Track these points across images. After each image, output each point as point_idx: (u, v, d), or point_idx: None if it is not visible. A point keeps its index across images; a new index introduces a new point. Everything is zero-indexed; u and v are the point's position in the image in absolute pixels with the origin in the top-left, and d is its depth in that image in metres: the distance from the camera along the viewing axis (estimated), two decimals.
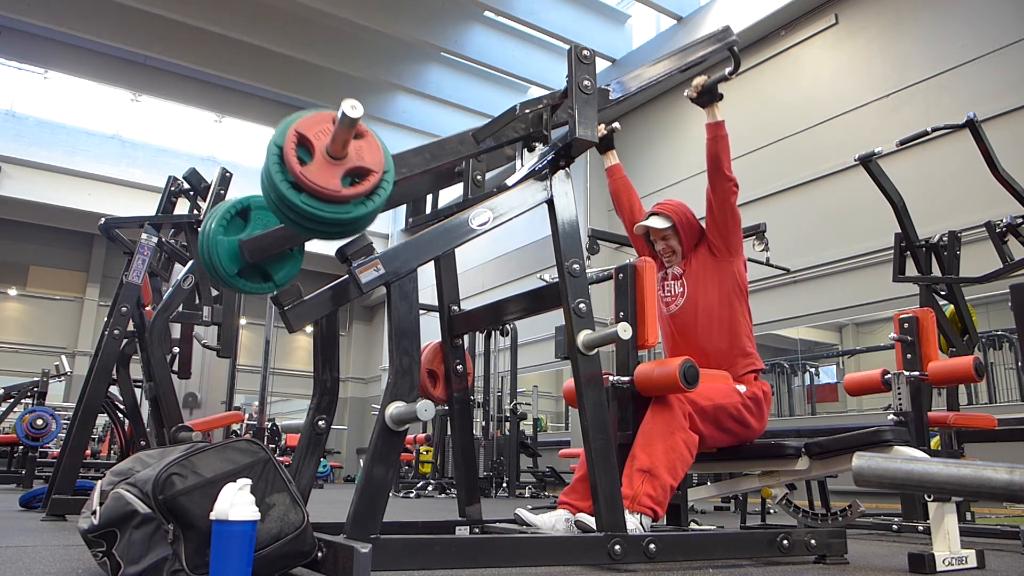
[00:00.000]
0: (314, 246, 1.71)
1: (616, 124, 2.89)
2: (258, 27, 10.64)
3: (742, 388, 2.44)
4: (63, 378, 8.78)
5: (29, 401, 7.43)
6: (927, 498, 2.13)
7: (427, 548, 1.56)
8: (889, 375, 3.29)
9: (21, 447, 6.79)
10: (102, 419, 6.82)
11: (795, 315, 8.26)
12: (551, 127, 2.14)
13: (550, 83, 10.85)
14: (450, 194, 2.37)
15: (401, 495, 7.72)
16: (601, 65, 10.61)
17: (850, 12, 8.29)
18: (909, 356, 3.24)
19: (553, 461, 9.12)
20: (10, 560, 1.82)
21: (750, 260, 2.85)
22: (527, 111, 2.06)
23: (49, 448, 7.96)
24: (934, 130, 3.88)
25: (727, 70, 2.46)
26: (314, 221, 1.48)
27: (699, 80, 2.53)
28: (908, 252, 4.13)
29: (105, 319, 3.91)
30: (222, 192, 3.98)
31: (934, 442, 3.80)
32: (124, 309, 3.62)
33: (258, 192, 1.65)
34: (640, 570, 1.90)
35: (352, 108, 1.41)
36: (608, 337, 1.88)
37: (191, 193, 4.24)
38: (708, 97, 2.52)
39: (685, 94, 2.59)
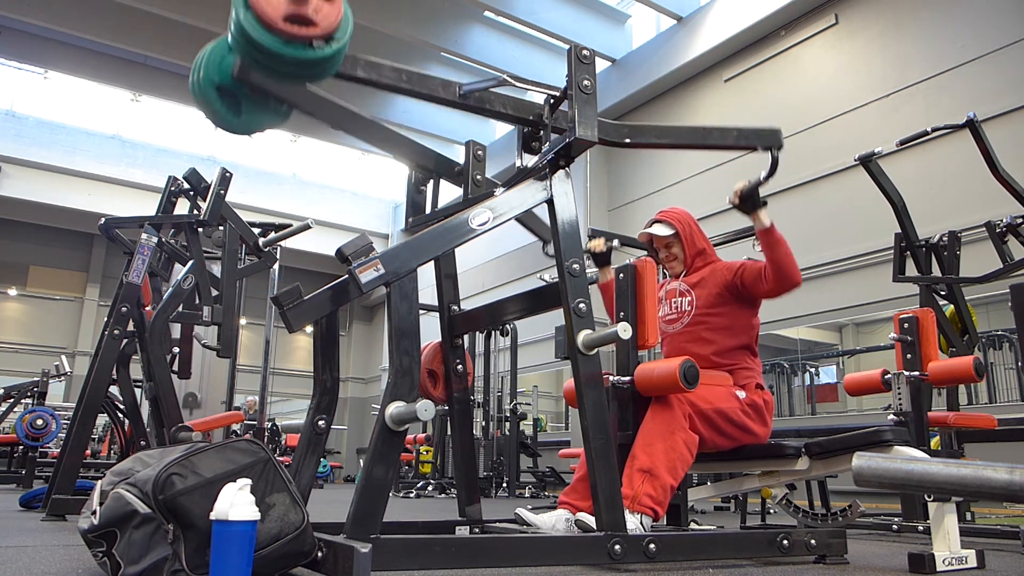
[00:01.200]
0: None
1: (615, 241, 2.85)
2: None
3: (741, 394, 2.43)
4: (63, 378, 8.77)
5: (29, 401, 7.42)
6: (927, 498, 2.13)
7: (427, 548, 1.56)
8: (889, 375, 3.29)
9: (21, 447, 6.78)
10: (102, 419, 6.82)
11: (795, 315, 8.26)
12: (551, 127, 2.15)
13: (550, 83, 10.83)
14: (450, 194, 2.37)
15: (401, 495, 7.72)
16: (601, 65, 10.63)
17: (850, 12, 8.29)
18: (909, 356, 3.24)
19: (553, 461, 9.12)
20: (10, 560, 1.83)
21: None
22: (517, 83, 2.08)
23: (49, 448, 7.96)
24: (934, 130, 3.88)
25: (763, 174, 2.35)
26: (246, 38, 1.56)
27: (739, 186, 2.41)
28: (908, 252, 4.13)
29: (105, 319, 3.91)
30: (222, 192, 3.99)
31: (934, 442, 3.80)
32: (124, 309, 3.62)
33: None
34: (640, 570, 1.90)
35: None
36: (608, 337, 1.88)
37: (191, 193, 4.25)
38: (751, 204, 2.40)
39: (727, 200, 2.45)
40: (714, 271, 2.60)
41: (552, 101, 2.18)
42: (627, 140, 2.16)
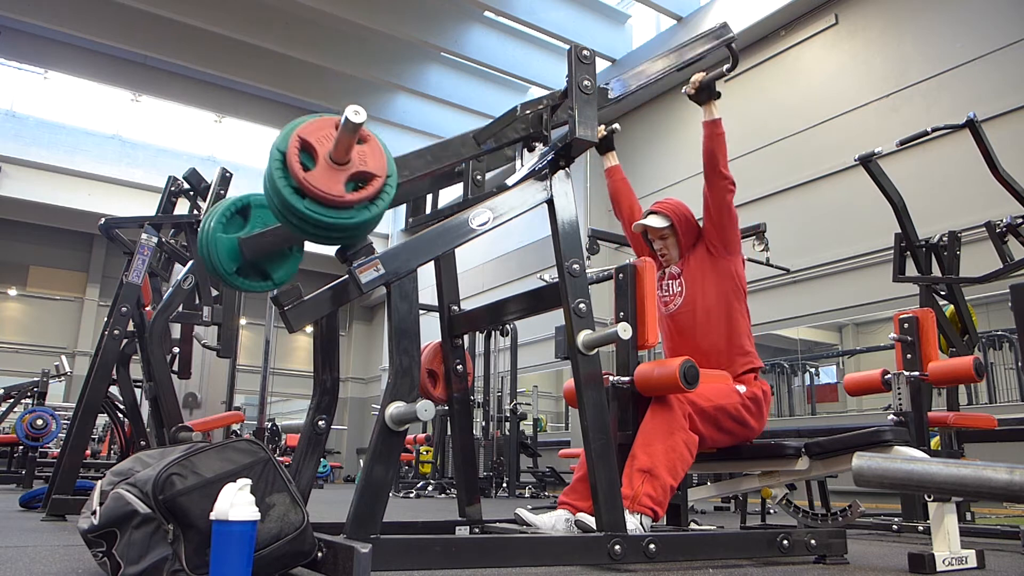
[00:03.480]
0: (314, 246, 1.71)
1: (616, 125, 2.88)
2: (258, 27, 10.64)
3: (742, 388, 2.44)
4: (63, 378, 8.78)
5: (29, 401, 7.43)
6: (927, 498, 2.13)
7: (427, 548, 1.56)
8: (889, 375, 3.29)
9: (21, 447, 6.78)
10: (102, 419, 6.81)
11: (795, 315, 8.26)
12: (551, 127, 2.14)
13: (550, 83, 10.84)
14: (450, 194, 2.37)
15: (401, 495, 7.72)
16: (601, 65, 10.61)
17: (850, 12, 8.29)
18: (909, 356, 3.24)
19: (553, 461, 9.12)
20: (10, 560, 1.83)
21: (750, 260, 2.84)
22: (527, 112, 2.07)
23: (49, 448, 7.96)
24: (934, 130, 3.88)
25: (725, 67, 2.46)
26: (318, 226, 1.48)
27: (697, 77, 2.53)
28: (908, 252, 4.13)
29: (105, 319, 3.91)
30: (222, 192, 3.98)
31: (934, 442, 3.80)
32: (124, 309, 3.62)
33: (258, 191, 1.65)
34: (640, 570, 1.90)
35: (355, 114, 1.41)
36: (608, 337, 1.88)
37: (191, 193, 4.24)
38: (706, 94, 2.52)
39: (683, 91, 2.59)
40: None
41: (552, 101, 2.17)
42: (612, 97, 2.20)
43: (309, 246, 1.80)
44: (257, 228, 1.75)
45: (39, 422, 6.30)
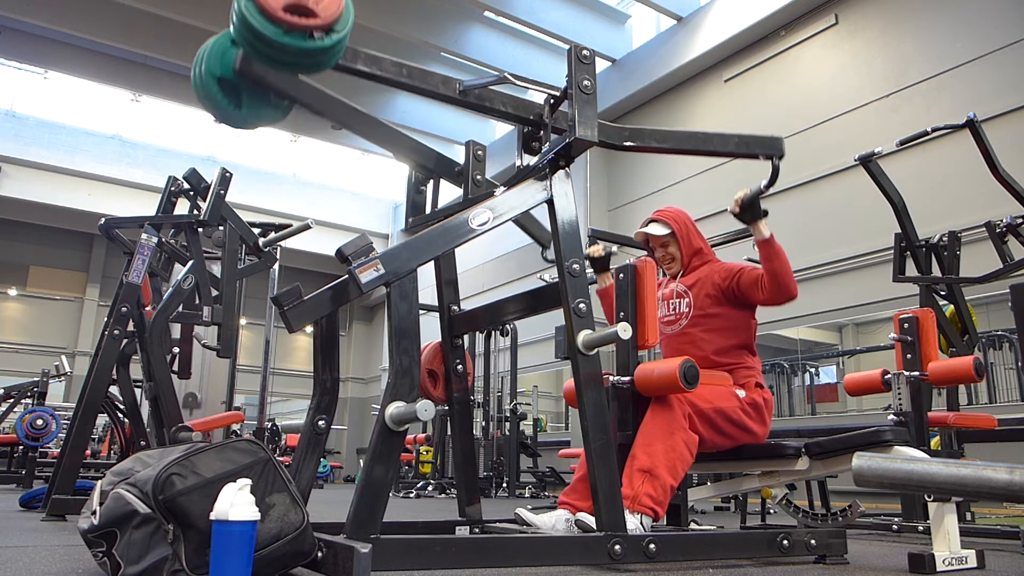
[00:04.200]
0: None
1: (614, 247, 2.84)
2: None
3: (741, 393, 2.43)
4: (63, 378, 8.77)
5: (29, 401, 7.42)
6: (927, 498, 2.13)
7: (427, 548, 1.56)
8: (889, 375, 3.29)
9: (21, 447, 6.78)
10: (102, 419, 6.81)
11: (795, 315, 8.26)
12: (551, 127, 2.15)
13: (550, 83, 10.84)
14: (450, 194, 2.37)
15: (401, 495, 7.72)
16: (601, 65, 10.63)
17: (850, 12, 8.29)
18: (909, 356, 3.24)
19: (553, 461, 9.12)
20: (10, 560, 1.83)
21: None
22: (517, 82, 2.08)
23: (49, 448, 7.96)
24: (934, 130, 3.88)
25: (763, 183, 2.30)
26: (248, 28, 1.59)
27: (740, 195, 2.37)
28: (908, 252, 4.13)
29: (105, 319, 3.91)
30: (222, 192, 3.98)
31: (934, 442, 3.80)
32: (124, 309, 3.62)
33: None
34: (640, 570, 1.90)
35: None
36: (608, 337, 1.88)
37: (191, 193, 4.24)
38: (750, 213, 2.36)
39: (728, 210, 2.43)
40: (711, 272, 2.60)
41: (552, 101, 2.18)
42: (627, 143, 2.15)
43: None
44: None
45: (39, 422, 6.30)
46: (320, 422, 1.90)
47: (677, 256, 2.67)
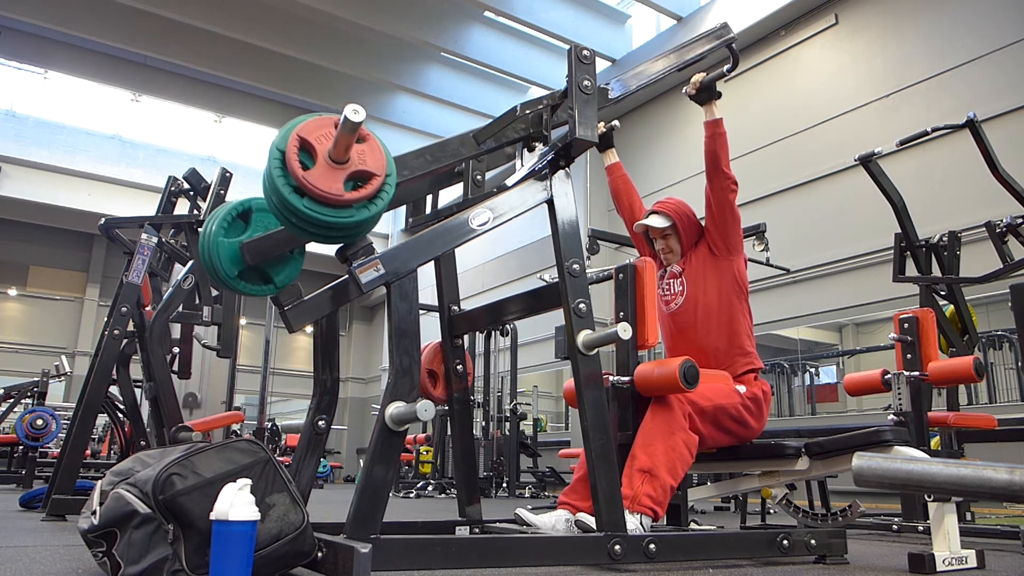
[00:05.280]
0: (314, 246, 1.71)
1: (615, 122, 2.88)
2: (258, 27, 10.64)
3: (742, 388, 2.44)
4: (63, 378, 8.78)
5: (29, 401, 7.43)
6: (927, 498, 2.13)
7: (427, 548, 1.56)
8: (889, 375, 3.29)
9: (21, 447, 6.78)
10: (102, 419, 6.82)
11: (795, 315, 8.26)
12: (551, 127, 2.14)
13: (550, 83, 10.84)
14: (450, 194, 2.37)
15: (401, 495, 7.72)
16: (601, 65, 10.61)
17: (850, 12, 8.29)
18: (909, 356, 3.24)
19: (553, 461, 9.12)
20: (10, 560, 1.82)
21: (750, 260, 2.83)
22: (527, 112, 2.07)
23: (49, 448, 7.96)
24: (934, 130, 3.88)
25: (725, 67, 2.46)
26: (317, 225, 1.49)
27: (697, 77, 2.53)
28: (908, 252, 4.13)
29: (105, 319, 3.91)
30: (222, 192, 3.98)
31: (934, 442, 3.80)
32: (124, 309, 3.61)
33: (258, 193, 1.65)
34: (640, 570, 1.90)
35: (354, 113, 1.41)
36: (608, 337, 1.88)
37: (191, 193, 4.24)
38: (707, 94, 2.52)
39: (684, 91, 2.59)
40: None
41: (552, 102, 2.17)
42: (612, 97, 2.20)
43: (310, 246, 1.79)
44: (259, 232, 1.75)
45: (39, 422, 6.29)
46: (320, 422, 1.90)
47: (676, 249, 2.68)
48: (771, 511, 4.20)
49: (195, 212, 4.17)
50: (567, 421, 12.14)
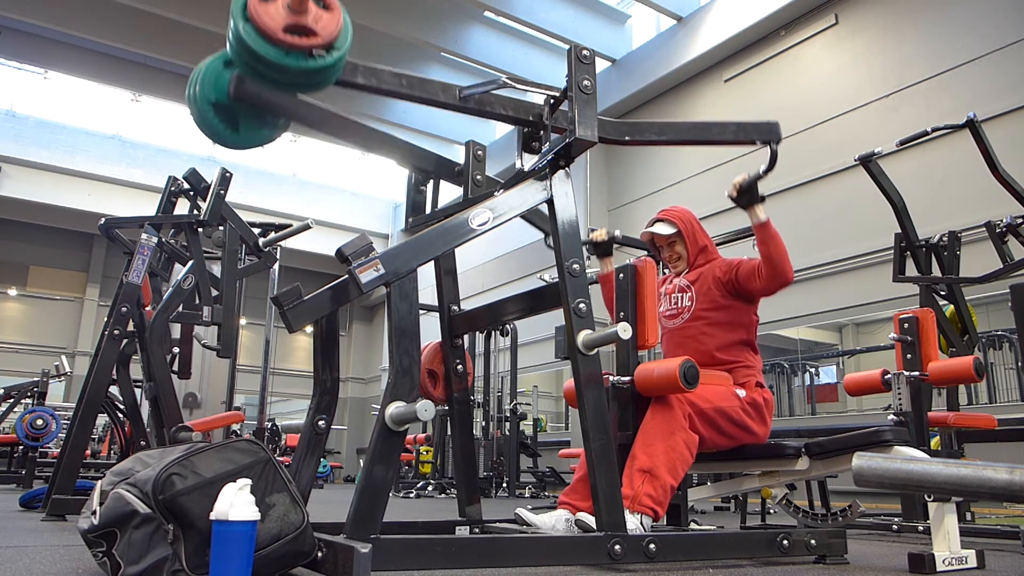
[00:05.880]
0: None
1: (618, 232, 2.85)
2: None
3: (741, 392, 2.43)
4: (63, 378, 8.77)
5: (29, 401, 7.42)
6: (927, 498, 2.13)
7: (427, 548, 1.56)
8: (889, 375, 3.29)
9: (21, 447, 6.78)
10: (102, 419, 6.81)
11: (795, 315, 8.26)
12: (551, 127, 2.15)
13: (550, 83, 10.83)
14: (450, 194, 2.37)
15: (401, 495, 7.72)
16: (601, 65, 10.63)
17: (850, 12, 8.29)
18: (909, 356, 3.24)
19: (553, 461, 9.12)
20: (10, 560, 1.83)
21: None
22: (516, 85, 2.08)
23: (49, 448, 7.96)
24: (934, 130, 3.88)
25: (762, 168, 2.34)
26: (248, 51, 1.58)
27: (738, 179, 2.40)
28: (908, 252, 4.13)
29: (105, 319, 3.91)
30: (222, 192, 3.98)
31: (934, 442, 3.80)
32: (124, 309, 3.61)
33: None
34: (640, 570, 1.90)
35: None
36: (608, 337, 1.88)
37: (191, 193, 4.24)
38: (748, 197, 2.39)
39: (726, 194, 2.45)
40: (713, 267, 2.61)
41: (552, 101, 2.18)
42: (626, 138, 2.16)
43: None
44: None
45: (39, 422, 6.29)
46: (320, 422, 1.90)
47: (683, 255, 2.67)
48: (771, 511, 4.20)
49: (195, 212, 4.17)
50: (567, 421, 12.15)
